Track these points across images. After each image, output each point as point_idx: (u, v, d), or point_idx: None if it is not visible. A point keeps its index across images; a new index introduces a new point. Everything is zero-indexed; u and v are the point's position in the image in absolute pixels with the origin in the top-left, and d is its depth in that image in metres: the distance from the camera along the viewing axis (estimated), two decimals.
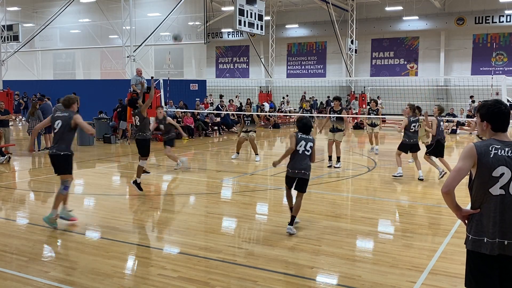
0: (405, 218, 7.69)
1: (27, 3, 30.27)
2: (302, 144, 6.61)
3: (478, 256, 3.09)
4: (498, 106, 3.13)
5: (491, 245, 3.03)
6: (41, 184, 10.23)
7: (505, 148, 3.03)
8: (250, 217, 7.66)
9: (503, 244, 3.02)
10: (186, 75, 30.09)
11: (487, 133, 3.18)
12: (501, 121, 3.12)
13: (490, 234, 3.03)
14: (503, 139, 3.10)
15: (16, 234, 6.48)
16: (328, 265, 5.34)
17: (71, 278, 4.90)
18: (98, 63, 33.18)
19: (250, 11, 18.84)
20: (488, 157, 3.01)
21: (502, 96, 14.29)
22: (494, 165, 3.01)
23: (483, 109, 3.17)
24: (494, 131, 3.14)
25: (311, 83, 34.50)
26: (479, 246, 3.07)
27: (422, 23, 33.92)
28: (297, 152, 6.60)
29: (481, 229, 3.07)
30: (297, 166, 6.59)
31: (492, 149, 3.02)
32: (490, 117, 3.13)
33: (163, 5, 24.92)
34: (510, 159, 3.01)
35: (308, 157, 6.65)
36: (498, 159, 3.00)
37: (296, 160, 6.60)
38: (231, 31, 39.03)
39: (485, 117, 3.15)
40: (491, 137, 3.15)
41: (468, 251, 3.17)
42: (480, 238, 3.06)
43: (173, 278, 4.92)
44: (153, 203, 8.64)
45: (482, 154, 3.03)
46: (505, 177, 3.00)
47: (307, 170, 6.63)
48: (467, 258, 3.19)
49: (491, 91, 19.30)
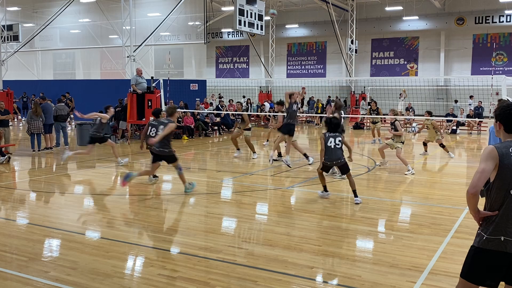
0: (405, 218, 7.70)
1: (27, 3, 30.26)
2: (331, 141, 8.25)
3: (491, 254, 3.17)
4: (511, 107, 3.23)
5: (509, 243, 3.13)
6: (41, 184, 10.23)
7: None
8: (250, 217, 7.66)
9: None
10: (186, 75, 30.09)
11: (501, 134, 3.29)
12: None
13: (509, 232, 3.14)
14: None
15: (16, 234, 6.48)
16: (328, 265, 5.34)
17: (71, 278, 4.90)
18: (98, 63, 33.17)
19: (250, 11, 18.83)
20: (510, 159, 3.11)
21: (502, 96, 14.27)
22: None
23: (497, 110, 3.30)
24: (508, 132, 3.24)
25: (311, 83, 34.49)
26: (496, 245, 3.15)
27: (422, 23, 33.92)
28: (329, 147, 8.25)
29: (499, 229, 3.16)
30: (333, 157, 8.27)
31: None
32: (503, 118, 3.24)
33: (163, 5, 24.90)
34: None
35: (340, 149, 8.30)
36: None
37: (331, 153, 8.27)
38: (231, 31, 39.03)
39: (498, 118, 3.27)
40: (506, 138, 3.24)
41: (477, 248, 3.24)
42: (497, 237, 3.15)
43: (173, 278, 4.92)
44: (153, 203, 8.64)
45: (504, 156, 3.12)
46: None
47: (341, 157, 8.32)
48: (473, 254, 3.26)
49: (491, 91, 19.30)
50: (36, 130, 14.20)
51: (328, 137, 8.25)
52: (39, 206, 8.43)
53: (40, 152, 14.39)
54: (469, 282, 3.28)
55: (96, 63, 33.14)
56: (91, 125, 16.79)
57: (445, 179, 11.08)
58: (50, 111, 15.13)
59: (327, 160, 8.27)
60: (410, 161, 13.41)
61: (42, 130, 14.43)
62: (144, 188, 9.53)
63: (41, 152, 14.39)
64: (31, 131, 14.21)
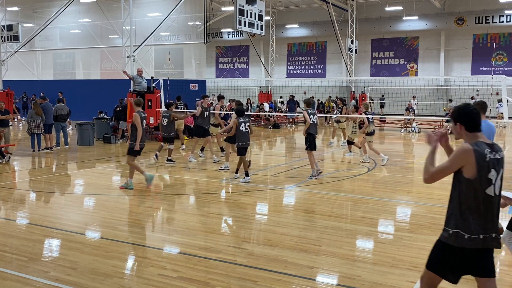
0: (405, 218, 7.70)
1: (27, 3, 30.23)
2: (243, 125, 10.16)
3: (458, 250, 3.27)
4: (468, 107, 3.35)
5: (477, 240, 3.23)
6: (41, 184, 10.23)
7: (492, 152, 3.26)
8: (250, 217, 7.66)
9: (491, 237, 3.26)
10: (186, 75, 30.05)
11: (463, 135, 3.36)
12: (472, 120, 3.31)
13: (478, 230, 3.23)
14: (487, 142, 3.30)
15: (16, 234, 6.48)
16: (328, 265, 5.34)
17: (71, 278, 4.90)
18: (98, 63, 33.13)
19: (250, 11, 18.82)
20: (485, 161, 3.21)
21: (502, 96, 14.26)
22: (489, 168, 3.22)
23: (454, 113, 3.40)
24: (470, 131, 3.32)
25: (311, 83, 34.50)
26: (464, 241, 3.24)
27: (422, 23, 33.92)
28: (240, 131, 10.20)
29: (468, 226, 3.24)
30: (245, 140, 10.31)
31: (487, 153, 3.23)
32: (462, 118, 3.33)
33: (163, 5, 24.87)
34: (496, 161, 3.26)
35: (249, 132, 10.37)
36: (490, 162, 3.22)
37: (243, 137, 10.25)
38: (231, 31, 39.01)
39: (458, 120, 3.35)
40: (470, 138, 3.31)
41: (444, 244, 3.35)
42: (465, 234, 3.24)
43: (173, 278, 4.92)
44: (153, 203, 8.64)
45: (481, 157, 3.20)
46: (493, 179, 3.24)
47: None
48: (441, 248, 3.38)
49: (491, 91, 19.28)
50: (36, 130, 14.20)
51: (240, 122, 10.09)
52: (39, 206, 8.43)
53: (40, 152, 14.38)
54: (433, 273, 3.43)
55: (96, 63, 33.10)
56: (91, 125, 16.88)
57: (445, 179, 11.05)
58: (50, 111, 15.12)
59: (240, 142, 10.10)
60: (410, 161, 13.42)
61: (42, 130, 14.42)
62: (144, 188, 9.53)
63: (41, 152, 14.39)
64: (31, 131, 14.21)
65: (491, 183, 3.23)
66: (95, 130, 17.45)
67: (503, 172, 3.34)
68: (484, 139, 3.32)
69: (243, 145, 10.23)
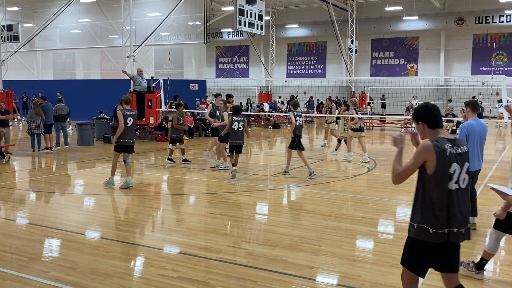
0: (405, 218, 7.69)
1: (27, 3, 30.23)
2: (236, 124, 10.56)
3: (424, 244, 3.38)
4: (427, 106, 3.48)
5: (441, 235, 3.33)
6: (41, 184, 10.23)
7: (454, 146, 3.35)
8: (250, 217, 7.66)
9: (453, 232, 3.34)
10: (186, 75, 30.06)
11: (427, 133, 3.46)
12: (433, 117, 3.43)
13: (442, 224, 3.32)
14: (448, 137, 3.40)
15: (16, 234, 6.48)
16: (328, 265, 5.34)
17: (71, 278, 4.90)
18: (98, 63, 33.13)
19: (250, 11, 18.83)
20: (446, 156, 3.30)
21: (502, 96, 14.26)
22: (451, 162, 3.31)
23: (415, 113, 3.52)
24: (432, 128, 3.43)
25: (311, 83, 34.50)
26: (428, 236, 3.34)
27: (422, 23, 33.93)
28: (233, 129, 10.61)
29: (432, 220, 3.33)
30: (237, 138, 10.65)
31: (448, 147, 3.32)
32: (423, 117, 3.45)
33: (163, 5, 24.88)
34: (459, 155, 3.35)
35: (242, 131, 10.63)
36: (452, 157, 3.31)
37: (235, 135, 10.64)
38: (231, 31, 39.02)
39: (419, 119, 3.47)
40: (433, 135, 3.42)
41: (412, 239, 3.45)
42: (429, 228, 3.33)
43: (173, 278, 4.92)
44: (153, 203, 8.64)
45: (440, 153, 3.29)
46: (456, 173, 3.33)
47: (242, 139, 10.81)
48: (410, 243, 3.49)
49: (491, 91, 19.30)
50: (36, 130, 14.20)
51: (233, 121, 10.43)
52: (39, 206, 8.43)
53: (40, 152, 14.38)
54: (407, 269, 3.54)
55: (96, 63, 33.11)
56: (91, 125, 16.88)
57: None
58: (50, 111, 15.12)
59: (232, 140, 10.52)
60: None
61: (42, 130, 14.43)
62: (144, 188, 9.53)
63: (41, 152, 14.39)
64: (31, 131, 14.21)
65: (453, 177, 3.31)
66: (95, 130, 17.45)
67: (468, 167, 3.41)
68: (446, 135, 3.42)
69: (235, 143, 10.62)
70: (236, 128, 10.57)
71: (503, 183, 9.88)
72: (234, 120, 10.58)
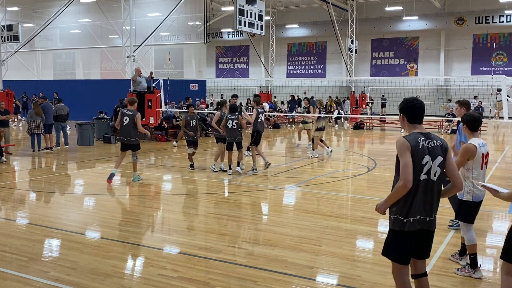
0: None
1: (27, 3, 30.24)
2: (230, 122, 10.71)
3: (402, 233, 3.56)
4: (412, 101, 3.65)
5: (415, 223, 3.53)
6: (41, 184, 10.23)
7: (427, 140, 3.53)
8: (250, 217, 7.66)
9: (426, 221, 3.55)
10: (186, 75, 30.08)
11: (405, 126, 3.68)
12: (414, 113, 3.61)
13: (416, 213, 3.52)
14: (422, 131, 3.57)
15: (16, 234, 6.48)
16: (328, 265, 5.34)
17: (71, 278, 4.90)
18: (98, 63, 33.17)
19: (250, 11, 18.82)
20: (418, 148, 3.48)
21: (502, 96, 14.27)
22: (424, 154, 3.48)
23: (401, 104, 3.70)
24: (411, 123, 3.62)
25: (311, 83, 34.49)
26: (403, 225, 3.53)
27: (422, 23, 33.93)
28: (227, 127, 10.77)
29: (409, 210, 3.52)
30: (233, 136, 10.90)
31: (420, 140, 3.50)
32: (406, 110, 3.63)
33: (163, 5, 24.89)
34: (431, 148, 3.52)
35: (236, 129, 10.82)
36: (424, 149, 3.49)
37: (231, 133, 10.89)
38: (231, 31, 39.02)
39: (402, 111, 3.66)
40: (410, 129, 3.63)
41: (391, 230, 3.62)
42: (406, 218, 3.53)
43: (173, 278, 4.92)
44: (153, 203, 8.64)
45: (414, 146, 3.48)
46: (428, 164, 3.50)
47: (238, 136, 10.98)
48: (389, 234, 3.66)
49: (491, 91, 19.30)
50: (36, 130, 14.20)
51: (228, 119, 10.62)
52: (39, 206, 8.43)
53: (40, 152, 14.39)
54: (392, 261, 3.68)
55: (96, 63, 33.14)
56: (91, 125, 16.88)
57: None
58: (50, 111, 15.12)
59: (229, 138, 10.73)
60: None
61: (42, 130, 14.43)
62: (144, 188, 9.54)
63: (41, 152, 14.39)
64: (31, 131, 14.21)
65: (425, 168, 3.48)
66: (95, 130, 17.45)
67: (442, 160, 3.54)
68: (422, 129, 3.59)
69: (231, 140, 10.92)
70: (231, 126, 10.80)
71: (503, 183, 9.89)
72: (229, 118, 10.80)
